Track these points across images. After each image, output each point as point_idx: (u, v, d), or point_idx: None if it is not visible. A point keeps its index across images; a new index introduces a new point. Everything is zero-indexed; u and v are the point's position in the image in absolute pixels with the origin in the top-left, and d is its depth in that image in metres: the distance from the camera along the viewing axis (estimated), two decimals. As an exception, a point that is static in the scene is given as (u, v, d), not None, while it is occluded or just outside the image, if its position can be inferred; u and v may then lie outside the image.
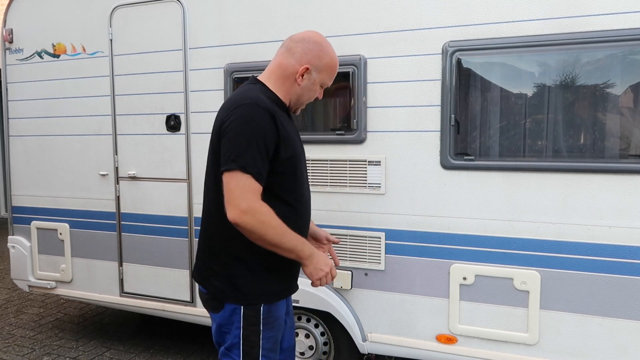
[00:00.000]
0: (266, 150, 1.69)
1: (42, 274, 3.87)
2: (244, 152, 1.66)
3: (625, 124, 2.38)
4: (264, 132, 1.68)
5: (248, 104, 1.71)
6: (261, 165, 1.68)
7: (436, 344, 2.77)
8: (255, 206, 1.65)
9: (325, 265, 1.80)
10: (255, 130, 1.67)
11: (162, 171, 3.38)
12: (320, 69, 1.85)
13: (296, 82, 1.84)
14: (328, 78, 1.88)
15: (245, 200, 1.64)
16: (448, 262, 2.70)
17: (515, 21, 2.49)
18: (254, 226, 1.65)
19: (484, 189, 2.61)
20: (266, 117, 1.69)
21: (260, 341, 1.82)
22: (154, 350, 3.86)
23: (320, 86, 1.89)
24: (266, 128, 1.69)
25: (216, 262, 1.84)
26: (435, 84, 2.66)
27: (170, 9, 3.26)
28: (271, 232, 1.67)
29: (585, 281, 2.46)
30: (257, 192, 1.67)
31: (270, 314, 1.84)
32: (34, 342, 4.03)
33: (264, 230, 1.66)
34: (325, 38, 1.89)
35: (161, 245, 3.42)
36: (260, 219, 1.65)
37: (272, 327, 1.85)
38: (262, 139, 1.67)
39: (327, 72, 1.87)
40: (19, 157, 3.88)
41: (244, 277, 1.80)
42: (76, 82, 3.60)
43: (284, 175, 1.78)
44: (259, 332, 1.81)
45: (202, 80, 3.20)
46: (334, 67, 1.88)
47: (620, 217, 2.39)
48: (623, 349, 2.43)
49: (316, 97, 1.92)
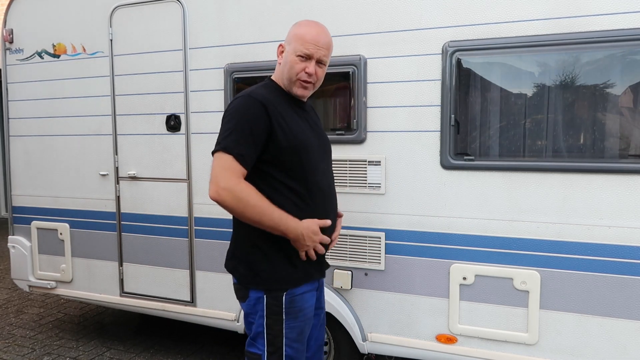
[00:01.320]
0: (252, 137, 1.77)
1: (42, 274, 3.87)
2: (229, 136, 1.78)
3: (625, 124, 2.38)
4: (252, 119, 1.78)
5: (241, 96, 1.85)
6: (244, 148, 1.76)
7: (436, 344, 2.77)
8: (231, 183, 1.73)
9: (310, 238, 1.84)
10: (242, 117, 1.78)
11: (162, 171, 3.38)
12: (290, 41, 1.92)
13: (278, 63, 1.96)
14: (298, 45, 1.88)
15: (223, 179, 1.73)
16: (448, 262, 2.70)
17: (515, 21, 2.50)
18: (231, 203, 1.74)
19: (484, 189, 2.61)
20: (256, 106, 1.79)
21: (283, 330, 1.85)
22: (154, 350, 3.87)
23: (299, 56, 1.88)
24: (254, 115, 1.78)
25: (239, 249, 1.94)
26: (435, 84, 2.66)
27: (171, 9, 3.26)
28: (250, 210, 1.74)
29: (585, 281, 2.46)
30: (236, 172, 1.75)
31: (293, 304, 1.87)
32: (34, 342, 4.04)
33: (242, 207, 1.74)
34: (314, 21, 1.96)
35: (161, 245, 3.43)
36: (238, 196, 1.73)
37: (295, 317, 1.88)
38: (247, 125, 1.77)
39: (295, 41, 1.90)
40: (19, 157, 3.88)
41: (261, 262, 1.88)
42: (76, 82, 3.60)
43: (289, 163, 1.84)
44: (282, 321, 1.85)
45: (202, 80, 3.20)
46: (302, 35, 1.89)
47: (620, 217, 2.39)
48: (623, 349, 2.43)
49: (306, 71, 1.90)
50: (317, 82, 1.97)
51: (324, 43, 1.91)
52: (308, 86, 1.94)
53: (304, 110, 2.01)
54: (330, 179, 2.05)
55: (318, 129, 2.07)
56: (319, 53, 1.90)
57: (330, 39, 1.97)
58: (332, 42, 1.98)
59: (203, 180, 3.25)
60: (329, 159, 2.10)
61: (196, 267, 3.33)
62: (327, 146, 2.10)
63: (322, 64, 1.95)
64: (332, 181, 2.08)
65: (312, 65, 1.90)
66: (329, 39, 1.95)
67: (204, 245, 3.29)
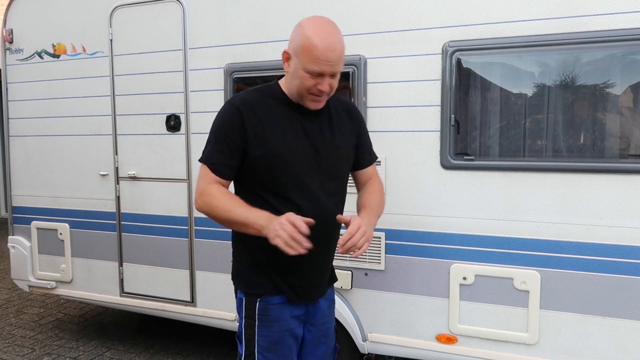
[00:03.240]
0: (227, 145, 1.74)
1: (42, 274, 3.87)
2: (207, 145, 1.80)
3: (625, 124, 2.38)
4: (226, 127, 1.75)
5: (226, 102, 1.82)
6: (218, 157, 1.75)
7: (436, 344, 2.77)
8: (202, 190, 1.74)
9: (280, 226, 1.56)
10: (219, 126, 1.77)
11: (162, 171, 3.38)
12: (297, 52, 1.66)
13: (285, 71, 1.77)
14: (308, 61, 1.63)
15: (198, 187, 1.77)
16: (448, 262, 2.70)
17: (515, 21, 2.49)
18: (205, 209, 1.75)
19: (484, 188, 2.61)
20: (232, 113, 1.74)
21: (255, 336, 1.83)
22: (154, 350, 3.87)
23: (308, 73, 1.65)
24: (229, 124, 1.75)
25: (233, 245, 1.95)
26: (435, 84, 2.66)
27: (170, 9, 3.26)
28: (219, 211, 1.72)
29: (585, 281, 2.46)
30: (209, 179, 1.75)
31: (266, 312, 1.82)
32: (34, 342, 4.04)
33: (213, 211, 1.73)
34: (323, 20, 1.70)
35: (161, 245, 3.42)
36: (206, 200, 1.73)
37: (268, 326, 1.83)
38: (222, 134, 1.75)
39: (304, 55, 1.63)
40: (19, 157, 3.88)
41: (241, 265, 1.89)
42: (76, 82, 3.60)
43: (259, 174, 1.77)
44: (254, 327, 1.83)
45: (202, 80, 3.20)
46: (311, 48, 1.62)
47: (620, 217, 2.38)
48: (623, 349, 2.43)
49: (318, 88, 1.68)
50: (332, 91, 1.74)
51: (337, 56, 1.65)
52: (321, 100, 1.75)
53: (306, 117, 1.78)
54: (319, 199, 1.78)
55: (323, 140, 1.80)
56: (333, 69, 1.66)
57: (342, 45, 1.68)
58: (344, 46, 1.70)
59: (203, 180, 3.25)
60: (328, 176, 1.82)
61: (196, 267, 3.33)
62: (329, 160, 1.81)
63: (336, 75, 1.71)
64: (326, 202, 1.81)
65: (326, 82, 1.68)
66: (341, 48, 1.68)
67: (204, 245, 3.29)
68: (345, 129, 1.89)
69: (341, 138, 1.86)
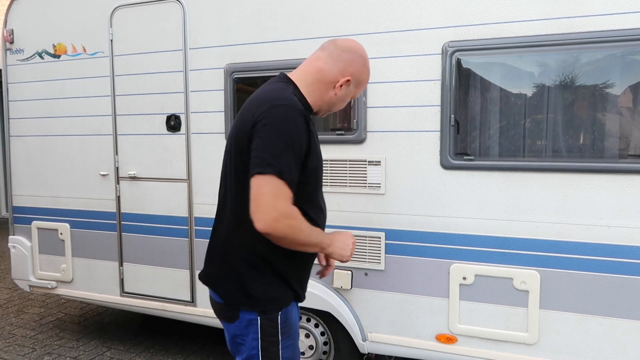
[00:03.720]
0: (300, 157, 1.62)
1: (42, 274, 3.88)
2: (281, 156, 1.56)
3: (624, 124, 2.38)
4: (300, 137, 1.61)
5: (286, 105, 1.62)
6: (295, 172, 1.60)
7: (436, 344, 2.77)
8: (288, 212, 1.58)
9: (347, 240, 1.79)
10: (293, 134, 1.59)
11: (162, 171, 3.39)
12: (359, 83, 1.83)
13: (333, 91, 1.77)
14: (359, 92, 1.89)
15: (277, 208, 1.56)
16: (448, 262, 2.70)
17: (515, 21, 2.50)
18: (285, 232, 1.58)
19: (483, 189, 2.61)
20: (302, 122, 1.62)
21: (280, 351, 1.75)
22: (155, 350, 3.87)
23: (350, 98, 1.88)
24: (302, 133, 1.62)
25: (229, 267, 1.75)
26: (435, 84, 2.66)
27: (171, 9, 3.26)
28: (301, 235, 1.63)
29: (585, 281, 2.47)
30: (289, 198, 1.59)
31: (287, 322, 1.77)
32: (35, 342, 4.04)
33: (297, 235, 1.61)
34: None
35: (161, 245, 3.43)
36: (292, 224, 1.59)
37: (289, 335, 1.78)
38: (297, 144, 1.60)
39: (362, 87, 1.86)
40: (20, 157, 3.89)
41: (256, 282, 1.72)
42: (77, 82, 3.60)
43: (307, 185, 1.70)
44: (278, 342, 1.74)
45: (203, 80, 3.21)
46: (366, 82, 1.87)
47: (620, 217, 2.39)
48: (622, 349, 2.44)
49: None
50: None
51: None
52: None
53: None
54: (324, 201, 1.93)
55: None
56: None
57: None
58: None
59: (203, 180, 3.25)
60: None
61: (196, 267, 3.33)
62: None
63: None
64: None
65: None
66: None
67: (204, 245, 3.28)
68: None
69: None
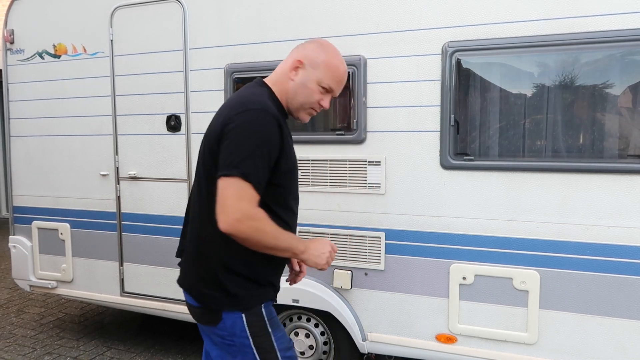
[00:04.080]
0: (269, 160, 1.62)
1: (43, 274, 3.88)
2: (247, 159, 1.57)
3: (624, 124, 2.38)
4: (270, 141, 1.61)
5: (257, 109, 1.62)
6: (262, 175, 1.60)
7: (436, 344, 2.77)
8: (251, 214, 1.57)
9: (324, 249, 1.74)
10: (262, 138, 1.60)
11: (162, 171, 3.39)
12: (317, 65, 1.72)
13: (290, 80, 1.74)
14: (327, 78, 1.73)
15: (240, 210, 1.55)
16: (448, 262, 2.71)
17: (515, 21, 2.50)
18: (248, 234, 1.57)
19: (483, 189, 2.62)
20: (274, 126, 1.62)
21: (274, 343, 1.73)
22: (155, 350, 3.87)
23: (321, 87, 1.74)
24: (272, 137, 1.62)
25: (205, 269, 1.72)
26: (434, 84, 2.66)
27: (171, 10, 3.26)
28: (265, 237, 1.61)
29: (585, 281, 2.47)
30: (254, 200, 1.59)
31: (272, 314, 1.77)
32: (35, 342, 4.04)
33: (262, 237, 1.60)
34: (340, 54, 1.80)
35: (162, 245, 3.43)
36: (256, 225, 1.58)
37: (278, 327, 1.77)
38: (267, 148, 1.60)
39: (325, 71, 1.73)
40: (20, 157, 3.89)
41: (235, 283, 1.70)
42: (77, 82, 3.61)
43: (279, 187, 1.70)
44: (270, 335, 1.73)
45: (203, 80, 3.21)
46: (334, 68, 1.74)
47: (619, 217, 2.39)
48: (622, 349, 2.44)
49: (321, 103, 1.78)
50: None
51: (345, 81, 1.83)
52: (312, 115, 1.83)
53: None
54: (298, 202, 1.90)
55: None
56: (339, 91, 1.81)
57: None
58: None
59: (203, 180, 3.25)
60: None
61: (196, 267, 3.33)
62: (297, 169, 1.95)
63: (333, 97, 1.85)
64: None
65: (329, 100, 1.79)
66: None
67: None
68: None
69: None
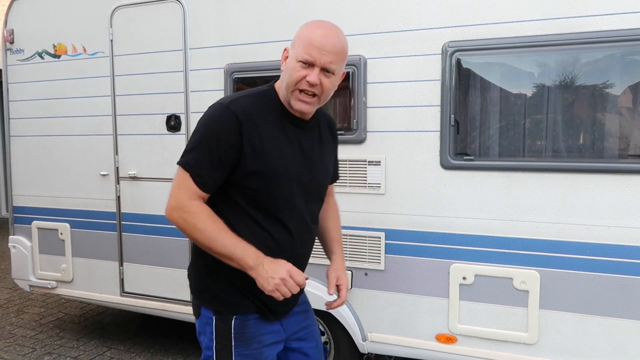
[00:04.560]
0: (218, 155, 1.54)
1: (42, 274, 3.88)
2: (191, 150, 1.57)
3: (624, 124, 2.38)
4: (221, 135, 1.54)
5: (218, 104, 1.59)
6: (205, 167, 1.55)
7: (436, 344, 2.77)
8: (183, 205, 1.55)
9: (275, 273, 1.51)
10: (211, 132, 1.55)
11: (162, 171, 3.39)
12: (294, 44, 1.59)
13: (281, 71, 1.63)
14: (302, 48, 1.54)
15: (176, 198, 1.56)
16: (448, 262, 2.71)
17: (515, 21, 2.50)
18: (181, 225, 1.56)
19: (483, 189, 2.61)
20: (230, 121, 1.54)
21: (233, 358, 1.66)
22: (155, 350, 3.87)
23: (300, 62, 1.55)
24: (225, 131, 1.54)
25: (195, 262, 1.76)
26: (435, 84, 2.66)
27: (171, 9, 3.26)
28: (198, 235, 1.54)
29: (585, 281, 2.47)
30: (191, 192, 1.56)
31: (244, 329, 1.65)
32: (35, 342, 4.04)
33: (193, 232, 1.55)
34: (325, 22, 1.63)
35: (162, 245, 3.43)
36: (187, 218, 1.55)
37: (247, 345, 1.66)
38: (215, 142, 1.53)
39: (299, 43, 1.56)
40: (20, 157, 3.89)
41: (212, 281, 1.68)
42: (77, 82, 3.60)
43: (251, 190, 1.60)
44: (231, 348, 1.65)
45: (203, 80, 3.21)
46: (306, 35, 1.56)
47: (620, 217, 2.39)
48: (622, 349, 2.44)
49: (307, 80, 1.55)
50: (323, 95, 1.60)
51: (332, 47, 1.54)
52: (310, 100, 1.58)
53: (302, 131, 1.67)
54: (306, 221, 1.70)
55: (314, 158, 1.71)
56: (324, 59, 1.53)
57: (342, 43, 1.60)
58: (345, 47, 1.62)
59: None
60: (314, 197, 1.74)
61: (196, 267, 3.33)
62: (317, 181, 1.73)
63: (330, 73, 1.57)
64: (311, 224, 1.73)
65: (315, 73, 1.54)
66: (339, 43, 1.58)
67: (204, 245, 3.30)
68: (329, 146, 1.81)
69: (327, 157, 1.80)
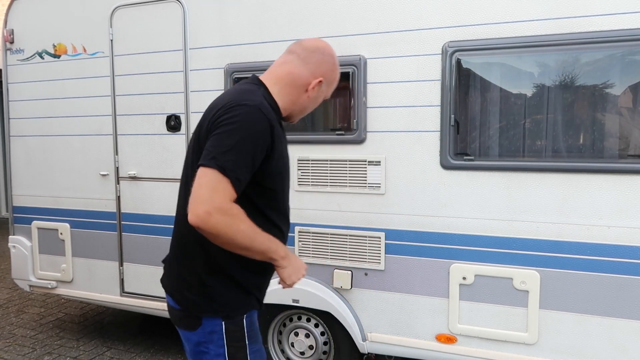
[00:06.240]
0: (253, 160, 1.53)
1: (42, 274, 3.88)
2: (228, 153, 1.48)
3: (624, 124, 2.38)
4: (258, 140, 1.53)
5: (250, 105, 1.55)
6: (243, 172, 1.51)
7: (436, 344, 2.77)
8: (225, 208, 1.47)
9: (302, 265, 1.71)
10: (249, 135, 1.51)
11: (162, 171, 3.39)
12: (330, 82, 1.80)
13: (306, 94, 1.73)
14: (329, 90, 1.84)
15: (212, 202, 1.45)
16: (448, 262, 2.71)
17: (515, 21, 2.50)
18: (219, 229, 1.46)
19: (483, 189, 2.61)
20: (265, 125, 1.55)
21: (248, 357, 1.68)
22: (155, 350, 3.87)
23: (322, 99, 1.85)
24: (261, 137, 1.54)
25: (190, 271, 1.67)
26: (434, 84, 2.66)
27: (171, 9, 3.26)
28: (239, 236, 1.50)
29: (585, 281, 2.47)
30: (229, 195, 1.49)
31: (252, 326, 1.71)
32: (35, 342, 4.04)
33: (235, 234, 1.49)
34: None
35: (162, 245, 3.43)
36: (229, 221, 1.47)
37: (256, 340, 1.72)
38: (251, 146, 1.51)
39: (333, 86, 1.83)
40: (20, 157, 3.89)
41: (221, 287, 1.65)
42: (77, 82, 3.60)
43: (272, 191, 1.66)
44: (246, 348, 1.67)
45: (203, 80, 3.21)
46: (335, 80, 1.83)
47: (619, 217, 2.39)
48: (622, 349, 2.44)
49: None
50: None
51: None
52: None
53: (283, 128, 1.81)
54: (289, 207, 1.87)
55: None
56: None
57: None
58: None
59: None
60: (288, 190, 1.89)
61: (196, 267, 3.33)
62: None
63: None
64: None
65: None
66: None
67: (204, 245, 3.30)
68: None
69: None
